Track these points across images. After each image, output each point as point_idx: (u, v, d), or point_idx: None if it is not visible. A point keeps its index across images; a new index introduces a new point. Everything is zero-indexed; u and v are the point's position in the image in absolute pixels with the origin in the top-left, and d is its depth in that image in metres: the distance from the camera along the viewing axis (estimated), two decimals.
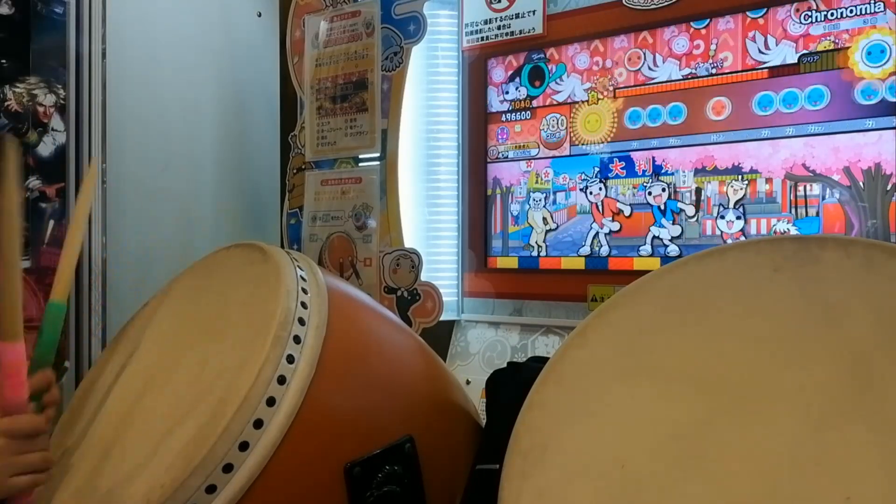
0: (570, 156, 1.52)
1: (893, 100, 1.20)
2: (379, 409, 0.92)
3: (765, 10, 1.31)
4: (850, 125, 1.23)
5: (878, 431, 0.63)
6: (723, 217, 1.34)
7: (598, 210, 1.48)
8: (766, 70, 1.31)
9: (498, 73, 1.61)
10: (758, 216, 1.32)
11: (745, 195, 1.32)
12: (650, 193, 1.42)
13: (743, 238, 1.32)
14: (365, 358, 0.95)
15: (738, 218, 1.33)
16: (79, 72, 1.41)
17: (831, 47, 1.25)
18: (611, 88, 1.46)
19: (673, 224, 1.39)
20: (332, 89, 1.68)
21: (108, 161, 1.45)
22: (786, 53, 1.29)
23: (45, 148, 1.39)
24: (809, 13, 1.27)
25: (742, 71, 1.33)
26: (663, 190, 1.40)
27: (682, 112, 1.39)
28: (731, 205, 1.33)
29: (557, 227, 1.53)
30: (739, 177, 1.33)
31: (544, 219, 1.55)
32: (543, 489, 0.74)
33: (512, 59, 1.59)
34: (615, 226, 1.46)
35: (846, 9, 1.24)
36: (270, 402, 0.80)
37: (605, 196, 1.47)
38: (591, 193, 1.49)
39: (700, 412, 0.71)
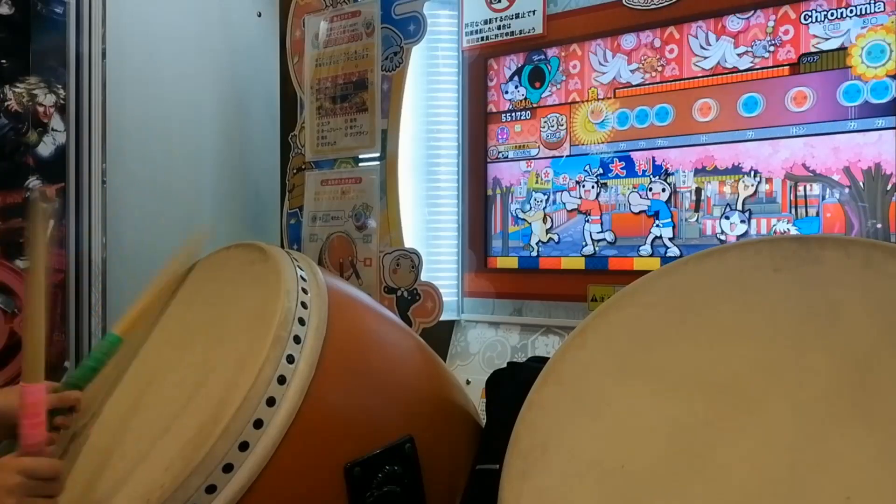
0: (570, 156, 1.52)
1: (893, 100, 1.20)
2: (379, 409, 0.92)
3: (765, 10, 1.31)
4: (849, 125, 1.23)
5: (878, 431, 0.63)
6: (727, 218, 1.34)
7: (597, 208, 1.48)
8: (766, 70, 1.31)
9: (498, 72, 1.61)
10: (758, 216, 1.32)
11: (755, 192, 1.31)
12: (650, 190, 1.41)
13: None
14: (365, 358, 0.95)
15: (743, 222, 1.32)
16: (79, 72, 1.41)
17: (833, 47, 1.25)
18: (611, 88, 1.47)
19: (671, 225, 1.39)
20: (332, 89, 1.68)
21: (108, 161, 1.45)
22: (787, 53, 1.29)
23: (45, 148, 1.39)
24: (811, 13, 1.27)
25: (742, 71, 1.33)
26: (663, 190, 1.40)
27: (674, 112, 1.39)
28: (739, 206, 1.33)
29: (555, 226, 1.53)
30: (741, 175, 1.33)
31: (544, 219, 1.55)
32: (543, 489, 0.74)
33: (512, 58, 1.59)
34: (614, 225, 1.46)
35: (846, 9, 1.24)
36: (270, 402, 0.80)
37: (601, 195, 1.47)
38: (589, 189, 1.49)
39: (700, 412, 0.71)
